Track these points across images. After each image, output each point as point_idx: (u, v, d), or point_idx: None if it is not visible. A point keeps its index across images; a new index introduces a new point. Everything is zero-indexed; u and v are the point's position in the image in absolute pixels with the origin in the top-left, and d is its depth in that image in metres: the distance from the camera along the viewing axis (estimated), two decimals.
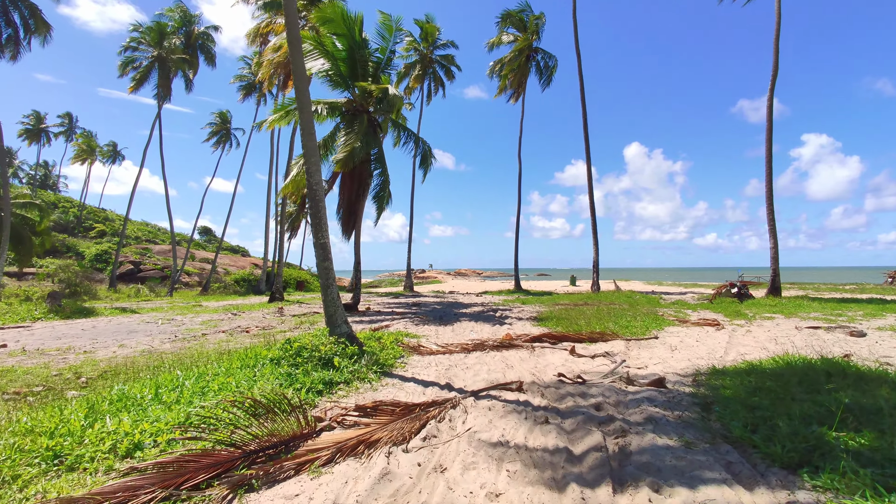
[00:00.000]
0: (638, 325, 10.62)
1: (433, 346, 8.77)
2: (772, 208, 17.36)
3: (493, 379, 6.19)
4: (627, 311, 13.47)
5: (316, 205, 6.97)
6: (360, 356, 6.58)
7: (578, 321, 11.65)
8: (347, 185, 16.30)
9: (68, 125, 77.47)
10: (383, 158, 17.01)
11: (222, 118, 54.46)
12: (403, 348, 8.22)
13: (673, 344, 8.62)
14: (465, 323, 12.73)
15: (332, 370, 6.02)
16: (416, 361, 7.41)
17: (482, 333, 10.67)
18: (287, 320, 14.20)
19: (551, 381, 6.09)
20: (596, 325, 10.56)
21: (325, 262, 7.04)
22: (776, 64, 17.07)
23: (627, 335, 9.46)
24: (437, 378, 6.32)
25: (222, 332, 11.89)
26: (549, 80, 31.59)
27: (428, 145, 18.28)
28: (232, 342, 10.17)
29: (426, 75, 32.77)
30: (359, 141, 14.99)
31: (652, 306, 16.14)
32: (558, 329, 10.73)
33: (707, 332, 9.84)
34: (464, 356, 7.84)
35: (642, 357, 7.56)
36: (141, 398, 4.97)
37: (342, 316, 7.11)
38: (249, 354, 6.75)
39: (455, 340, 9.64)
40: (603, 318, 12.04)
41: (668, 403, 4.95)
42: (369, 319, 13.89)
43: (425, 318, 13.84)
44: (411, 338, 9.81)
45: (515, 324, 12.40)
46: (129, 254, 48.77)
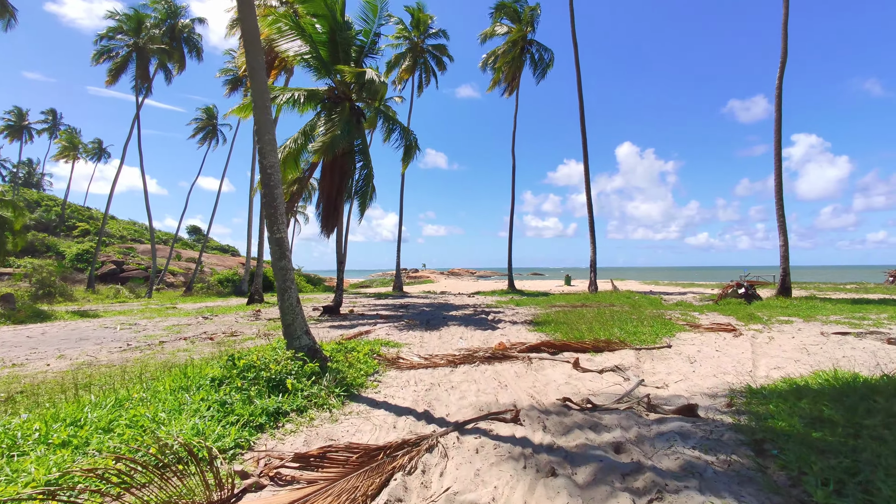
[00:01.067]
0: (646, 330, 9.52)
1: (415, 357, 7.60)
2: (781, 203, 16.34)
3: (482, 403, 5.05)
4: (631, 315, 12.38)
5: (270, 192, 5.79)
6: (321, 375, 5.40)
7: (579, 326, 10.54)
8: (328, 178, 15.09)
9: (52, 122, 75.45)
10: (367, 151, 15.82)
11: (208, 113, 52.96)
12: (379, 361, 7.06)
13: (690, 354, 7.51)
14: (454, 328, 11.57)
15: (282, 395, 4.84)
16: (393, 379, 6.24)
17: (472, 341, 9.53)
18: (260, 325, 12.98)
19: (554, 405, 4.95)
20: (600, 332, 9.44)
21: (282, 260, 5.86)
22: (785, 51, 16.06)
23: (636, 343, 8.35)
24: (414, 402, 5.16)
25: (183, 340, 10.66)
26: (543, 73, 30.52)
27: (414, 136, 17.12)
28: (190, 352, 8.96)
29: (417, 66, 31.54)
30: (339, 130, 13.79)
31: (655, 308, 15.08)
32: (557, 336, 9.62)
33: (725, 340, 8.76)
34: (449, 371, 6.69)
35: (658, 371, 6.45)
36: (23, 437, 3.78)
37: (302, 325, 5.92)
38: (189, 373, 5.54)
39: (441, 350, 8.48)
40: (606, 322, 10.94)
41: (707, 441, 3.83)
42: (349, 324, 12.70)
43: (411, 323, 12.67)
44: (391, 347, 8.64)
45: (509, 328, 11.28)
46: (111, 253, 47.21)
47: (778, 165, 16.13)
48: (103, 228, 37.81)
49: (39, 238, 48.32)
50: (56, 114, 75.21)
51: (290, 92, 14.70)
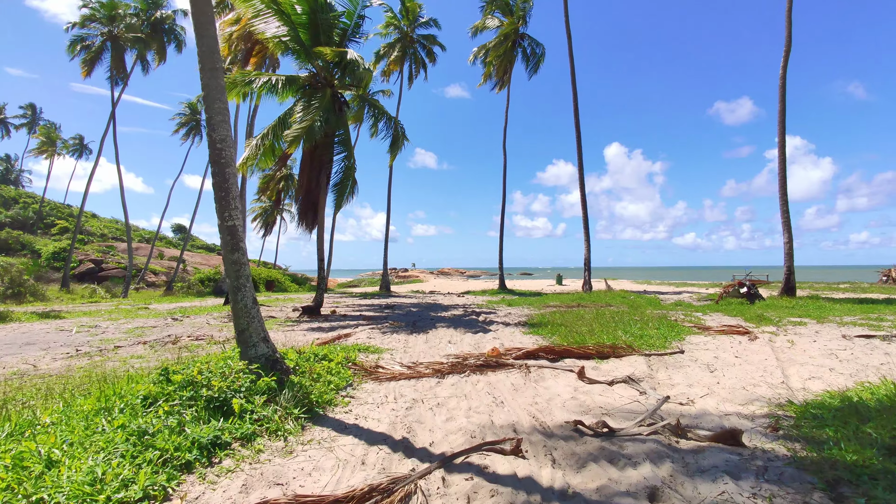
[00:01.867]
0: (653, 333, 8.68)
1: (396, 366, 6.66)
2: (786, 199, 15.65)
3: (475, 427, 4.13)
4: (632, 316, 11.56)
5: (221, 171, 4.83)
6: (278, 392, 4.44)
7: (578, 328, 9.68)
8: (306, 169, 14.08)
9: (31, 117, 73.30)
10: (349, 142, 14.84)
11: (192, 109, 51.55)
12: (355, 371, 6.11)
13: (707, 362, 6.67)
14: (443, 330, 10.64)
15: (225, 419, 3.88)
16: (369, 394, 5.30)
17: (462, 345, 8.61)
18: (232, 327, 11.95)
19: (562, 428, 4.06)
20: (602, 335, 8.58)
21: (235, 252, 4.89)
22: (789, 39, 15.39)
23: (644, 348, 7.49)
24: (391, 425, 4.22)
25: (143, 344, 9.61)
26: (535, 67, 29.71)
27: (402, 126, 16.15)
28: (144, 359, 7.93)
29: (406, 57, 30.51)
30: (318, 117, 12.80)
31: (654, 308, 14.30)
32: (555, 339, 8.74)
33: (741, 344, 7.94)
34: (436, 382, 5.76)
35: (677, 383, 5.59)
36: None
37: (259, 331, 4.94)
38: (118, 389, 4.55)
39: (428, 356, 7.55)
40: (607, 324, 10.09)
41: (766, 482, 2.96)
42: (329, 326, 11.71)
43: (395, 325, 11.72)
44: (370, 353, 7.69)
45: (502, 330, 10.38)
46: (90, 252, 45.63)
47: (782, 159, 15.43)
48: (79, 226, 36.31)
49: (14, 236, 46.61)
50: (35, 108, 73.14)
51: (268, 77, 13.66)
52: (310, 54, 14.02)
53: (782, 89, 15.48)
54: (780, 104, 15.50)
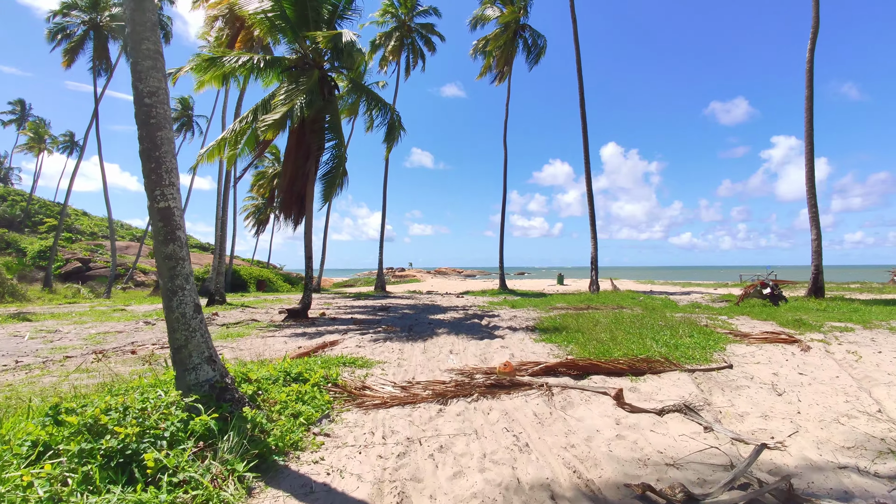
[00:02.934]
0: (687, 342, 7.47)
1: (388, 386, 5.42)
2: (813, 192, 14.44)
3: (494, 490, 2.91)
4: (654, 320, 10.36)
5: (151, 134, 3.60)
6: (221, 435, 3.21)
7: (597, 335, 8.48)
8: (292, 157, 12.83)
9: (21, 113, 71.74)
10: (339, 128, 13.57)
11: (183, 104, 50.27)
12: (336, 395, 4.87)
13: (766, 380, 5.47)
14: (443, 337, 9.41)
15: (129, 486, 2.65)
16: (350, 428, 4.06)
17: (466, 356, 7.38)
18: None
19: (619, 493, 2.85)
20: (629, 345, 7.36)
21: (169, 244, 3.64)
22: (816, 18, 14.19)
23: (684, 361, 6.28)
24: (376, 487, 2.99)
25: (98, 353, 8.35)
26: (537, 59, 28.48)
27: (398, 114, 14.90)
28: (90, 374, 6.69)
29: (404, 46, 29.20)
30: (304, 99, 11.54)
31: (672, 311, 13.11)
32: (574, 349, 7.53)
33: (795, 357, 6.74)
34: (437, 411, 4.53)
35: (745, 411, 4.38)
36: None
37: (202, 349, 3.69)
38: (5, 428, 3.31)
39: (426, 371, 6.32)
40: (630, 330, 8.89)
41: None
42: (315, 331, 10.46)
43: (389, 330, 10.48)
44: (358, 367, 6.44)
45: (509, 337, 9.17)
46: (77, 251, 44.28)
47: (809, 148, 14.24)
48: (62, 223, 34.88)
49: None
50: (24, 105, 71.66)
51: (248, 56, 12.39)
52: (297, 32, 12.77)
53: (809, 73, 14.28)
54: (807, 90, 14.32)
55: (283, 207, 13.07)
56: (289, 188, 13.00)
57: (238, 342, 9.22)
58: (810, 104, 14.29)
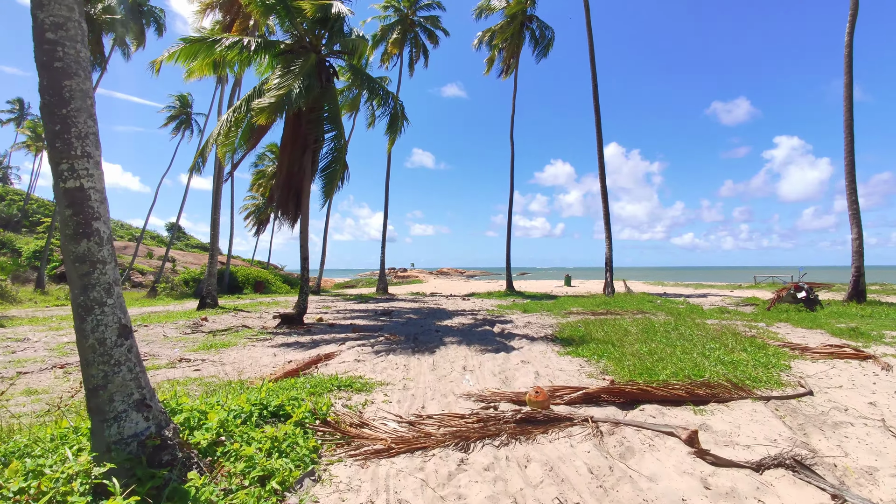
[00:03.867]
0: (744, 359, 6.34)
1: (390, 422, 4.31)
2: (854, 187, 13.28)
3: None
4: (690, 329, 9.24)
5: (55, 82, 2.53)
6: None
7: (631, 346, 7.38)
8: (288, 150, 11.77)
9: (19, 112, 70.94)
10: (339, 119, 12.50)
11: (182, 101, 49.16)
12: (326, 434, 3.79)
13: (868, 413, 4.36)
14: (453, 348, 8.31)
15: None
16: (340, 494, 2.97)
17: (483, 374, 6.29)
18: (191, 343, 9.63)
19: None
20: (676, 361, 6.24)
21: (81, 240, 2.55)
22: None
23: (752, 385, 5.17)
24: None
25: (60, 368, 7.32)
26: (545, 51, 27.37)
27: (401, 104, 13.82)
28: (37, 397, 5.64)
29: (407, 40, 28.09)
30: (298, 84, 10.47)
31: (701, 316, 12.00)
32: (607, 365, 6.44)
33: (878, 377, 5.62)
34: (457, 464, 3.43)
35: (870, 465, 3.28)
36: None
37: (129, 390, 2.60)
38: None
39: (437, 398, 5.23)
40: (667, 341, 7.78)
41: None
42: (309, 341, 9.37)
43: (392, 340, 9.39)
44: (354, 391, 5.33)
45: (528, 348, 8.07)
46: None
47: (849, 140, 13.08)
48: (55, 222, 33.84)
49: None
50: (23, 103, 70.84)
51: (238, 38, 11.33)
52: (291, 12, 11.70)
53: (848, 58, 13.11)
54: (845, 76, 13.15)
55: (279, 205, 12.02)
56: (284, 184, 11.94)
57: (222, 353, 8.15)
58: (849, 91, 13.12)
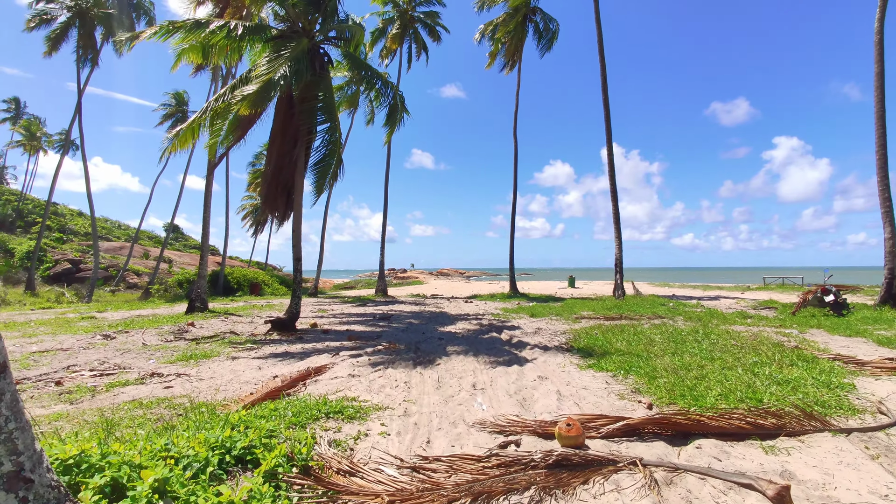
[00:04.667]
0: (797, 376, 5.47)
1: (390, 466, 3.44)
2: (886, 182, 12.38)
3: None
4: (721, 337, 8.38)
5: None
6: None
7: (661, 358, 6.52)
8: (278, 142, 10.91)
9: (15, 111, 70.24)
10: (333, 109, 11.63)
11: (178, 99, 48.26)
12: (305, 488, 2.92)
13: None
14: (458, 360, 7.45)
15: None
16: None
17: (497, 395, 5.43)
18: (171, 352, 8.77)
19: None
20: (721, 378, 5.37)
21: None
22: None
23: (820, 411, 4.31)
24: None
25: None
26: (549, 45, 26.51)
27: (401, 96, 12.97)
28: None
29: (406, 35, 27.22)
30: (287, 68, 9.63)
31: (724, 322, 11.15)
32: (636, 381, 5.58)
33: None
34: None
35: None
36: None
37: None
38: None
39: (444, 426, 4.36)
40: (700, 352, 6.92)
41: None
42: (299, 351, 8.50)
43: (391, 349, 8.52)
44: (347, 418, 4.45)
45: (542, 359, 7.21)
46: (68, 251, 42.56)
47: (881, 133, 12.13)
48: (45, 222, 33.04)
49: None
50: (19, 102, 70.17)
51: (223, 21, 10.47)
52: None
53: (879, 45, 12.20)
54: (876, 65, 12.21)
55: (267, 201, 11.15)
56: (274, 179, 11.08)
57: (201, 366, 7.28)
58: (880, 81, 12.20)
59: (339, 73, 28.02)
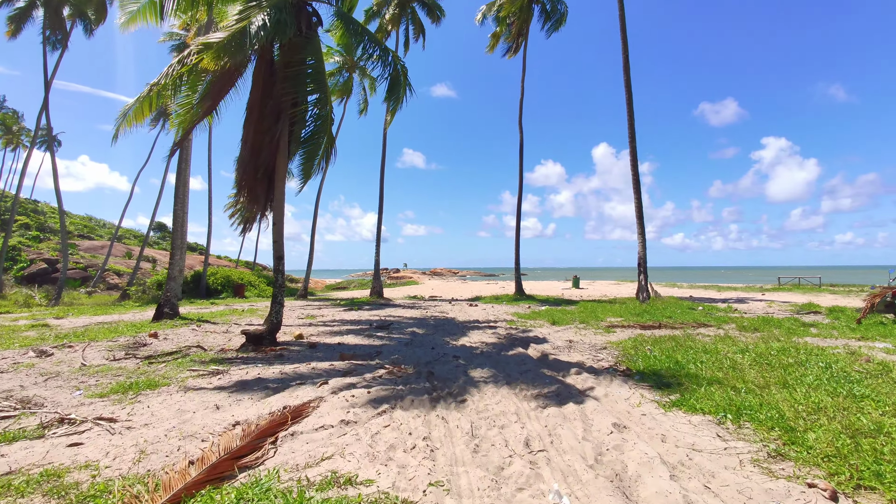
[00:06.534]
0: None
1: None
2: None
3: None
4: (823, 358, 6.57)
5: None
6: None
7: (762, 388, 4.69)
8: (255, 116, 8.96)
9: None
10: (323, 78, 9.69)
11: None
12: None
13: None
14: (490, 392, 5.55)
15: None
16: None
17: (567, 459, 3.54)
18: (108, 378, 6.80)
19: None
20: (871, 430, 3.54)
21: None
22: None
23: None
24: None
25: None
26: (556, 26, 24.65)
27: (403, 65, 11.03)
28: None
29: (404, 15, 25.25)
30: (265, 17, 7.68)
31: (794, 333, 9.36)
32: (767, 438, 3.74)
33: None
34: None
35: None
36: None
37: None
38: None
39: None
40: (830, 384, 5.08)
41: None
42: (279, 375, 6.54)
43: (397, 374, 6.59)
44: None
45: (604, 391, 5.36)
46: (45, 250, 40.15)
47: None
48: (12, 219, 30.70)
49: None
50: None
51: None
52: None
53: None
54: None
55: (243, 187, 9.19)
56: (251, 160, 9.11)
57: (139, 404, 5.32)
58: None
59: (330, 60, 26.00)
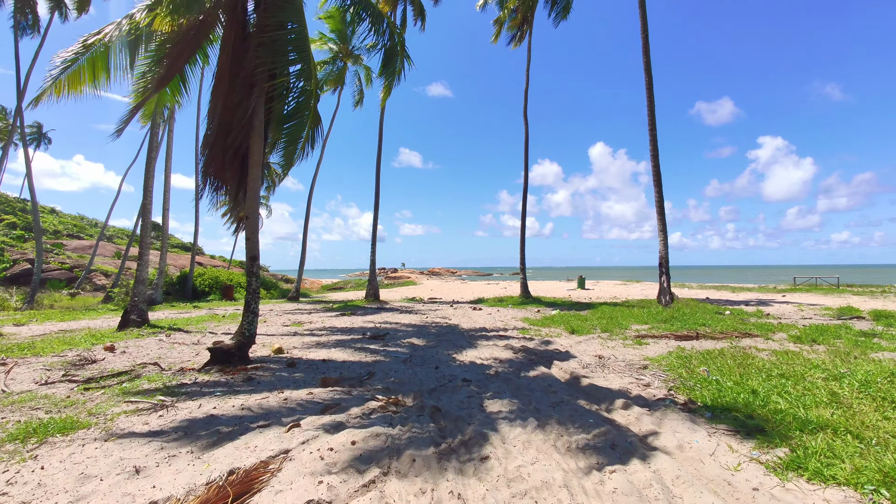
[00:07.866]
0: None
1: None
2: None
3: None
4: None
5: None
6: None
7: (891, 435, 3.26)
8: (223, 88, 7.45)
9: None
10: (307, 46, 8.17)
11: None
12: None
13: None
14: (520, 443, 4.09)
15: None
16: None
17: None
18: (26, 410, 5.32)
19: None
20: None
21: None
22: None
23: None
24: None
25: None
26: (564, 12, 23.17)
27: (401, 36, 9.55)
28: None
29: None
30: None
31: (855, 346, 7.93)
32: None
33: None
34: None
35: None
36: None
37: None
38: None
39: None
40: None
41: None
42: (240, 411, 5.03)
43: (391, 408, 5.12)
44: None
45: (675, 440, 3.92)
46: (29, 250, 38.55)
47: None
48: None
49: None
50: None
51: None
52: None
53: None
54: None
55: (210, 171, 7.69)
56: (218, 140, 7.61)
57: (38, 458, 3.82)
58: None
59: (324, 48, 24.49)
